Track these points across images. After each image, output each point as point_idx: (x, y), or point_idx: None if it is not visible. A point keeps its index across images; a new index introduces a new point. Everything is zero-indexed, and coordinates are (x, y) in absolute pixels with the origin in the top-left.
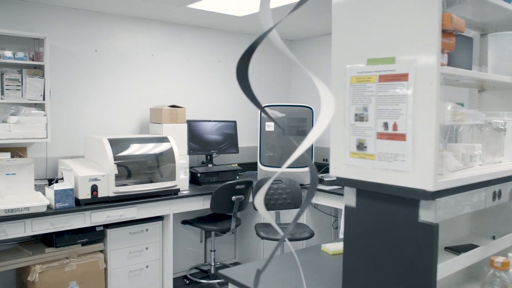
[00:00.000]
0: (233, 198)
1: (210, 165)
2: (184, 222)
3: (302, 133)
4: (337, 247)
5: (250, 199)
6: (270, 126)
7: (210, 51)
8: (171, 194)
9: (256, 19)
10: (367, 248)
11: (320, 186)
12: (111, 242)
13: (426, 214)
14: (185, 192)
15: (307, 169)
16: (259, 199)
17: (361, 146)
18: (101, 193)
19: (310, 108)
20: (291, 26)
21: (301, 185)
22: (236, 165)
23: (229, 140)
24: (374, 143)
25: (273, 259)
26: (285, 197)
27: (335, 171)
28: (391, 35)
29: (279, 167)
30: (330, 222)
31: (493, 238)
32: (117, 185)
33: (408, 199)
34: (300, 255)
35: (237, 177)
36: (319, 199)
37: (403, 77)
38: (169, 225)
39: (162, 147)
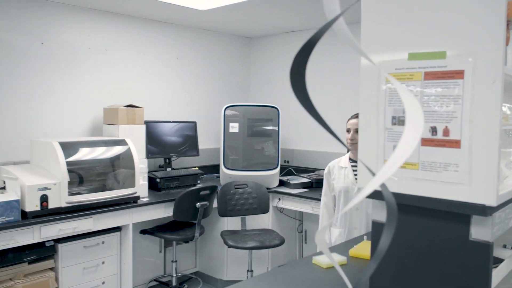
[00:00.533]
0: (198, 204)
1: (169, 169)
2: (143, 232)
3: (268, 135)
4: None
5: (215, 205)
6: (234, 127)
7: (168, 48)
8: (131, 202)
9: (220, 13)
10: (401, 269)
11: (286, 190)
12: (63, 258)
13: (480, 231)
14: (145, 200)
15: (273, 171)
16: (320, 237)
17: None
18: (52, 204)
19: (276, 108)
20: (251, 22)
21: (267, 188)
22: (197, 168)
23: (189, 142)
24: (418, 151)
25: (257, 279)
26: (251, 202)
27: (363, 182)
28: (440, 25)
29: (244, 170)
30: (295, 226)
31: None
32: (70, 194)
33: (456, 215)
34: (290, 270)
35: (198, 181)
36: (285, 203)
37: (456, 74)
38: (128, 236)
39: (119, 151)
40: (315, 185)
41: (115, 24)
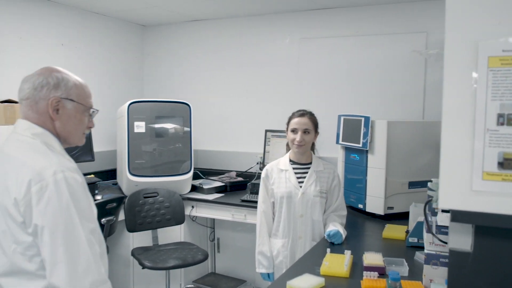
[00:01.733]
0: (103, 220)
1: None
2: None
3: (178, 135)
4: (309, 283)
5: (121, 217)
6: (140, 127)
7: (51, 31)
8: None
9: None
10: None
11: (200, 196)
12: None
13: None
14: None
15: (186, 176)
16: None
17: (509, 164)
18: None
19: (187, 105)
20: (149, 6)
21: (181, 195)
22: (93, 176)
23: (82, 145)
24: None
25: None
26: (164, 212)
27: (448, 202)
28: None
29: (153, 176)
30: (206, 234)
31: None
32: None
33: None
34: None
35: (96, 191)
36: (200, 211)
37: None
38: None
39: None
40: (230, 189)
41: None
